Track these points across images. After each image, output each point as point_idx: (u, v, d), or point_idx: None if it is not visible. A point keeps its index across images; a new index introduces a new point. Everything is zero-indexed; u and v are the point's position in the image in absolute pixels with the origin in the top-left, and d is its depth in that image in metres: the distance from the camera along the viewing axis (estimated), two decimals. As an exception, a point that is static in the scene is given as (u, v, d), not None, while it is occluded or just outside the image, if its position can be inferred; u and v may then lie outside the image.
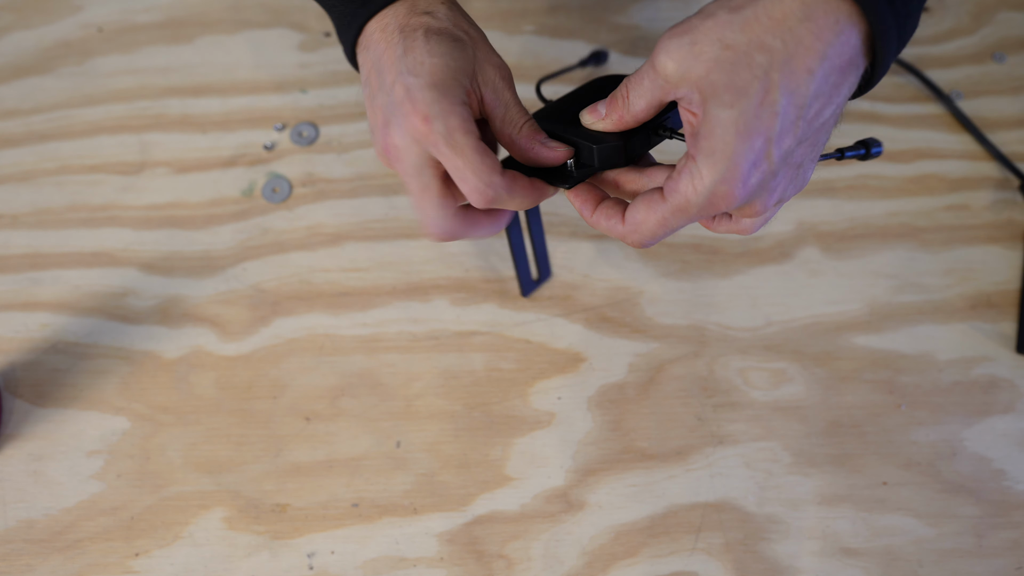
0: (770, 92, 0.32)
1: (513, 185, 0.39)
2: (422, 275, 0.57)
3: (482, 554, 0.50)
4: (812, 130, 0.35)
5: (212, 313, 0.56)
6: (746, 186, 0.34)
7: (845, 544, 0.50)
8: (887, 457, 0.52)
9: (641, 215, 0.37)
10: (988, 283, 0.57)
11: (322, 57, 0.65)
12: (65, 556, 0.49)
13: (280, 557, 0.49)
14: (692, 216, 0.36)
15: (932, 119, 0.63)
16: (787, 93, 0.32)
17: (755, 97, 0.32)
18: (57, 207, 0.59)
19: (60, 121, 0.62)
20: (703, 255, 0.58)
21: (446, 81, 0.38)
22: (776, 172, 0.35)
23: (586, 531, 0.50)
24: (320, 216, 0.59)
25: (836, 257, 0.58)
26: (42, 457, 0.52)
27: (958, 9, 0.67)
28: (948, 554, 0.50)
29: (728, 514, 0.51)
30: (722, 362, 0.55)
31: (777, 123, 0.33)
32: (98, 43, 0.65)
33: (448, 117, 0.37)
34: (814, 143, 0.36)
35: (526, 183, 0.40)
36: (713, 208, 0.35)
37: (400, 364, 0.54)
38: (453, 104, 0.38)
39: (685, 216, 0.36)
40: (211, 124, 0.62)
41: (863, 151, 0.41)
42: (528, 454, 0.52)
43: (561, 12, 0.67)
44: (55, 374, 0.54)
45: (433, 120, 0.37)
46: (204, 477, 0.51)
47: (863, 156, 0.42)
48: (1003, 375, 0.55)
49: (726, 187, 0.34)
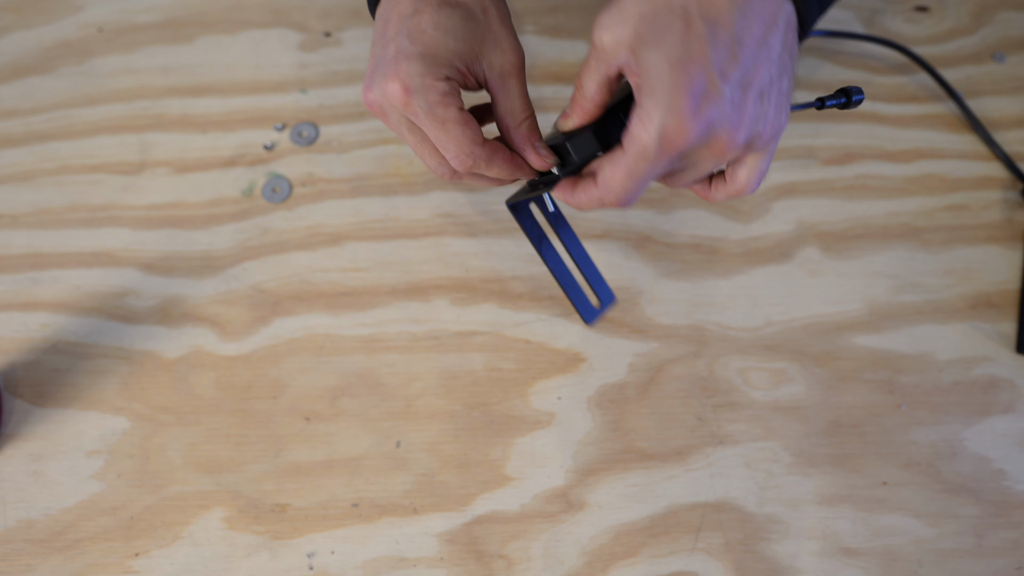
0: (691, 23, 0.33)
1: (493, 156, 0.40)
2: (422, 275, 0.57)
3: (482, 554, 0.50)
4: (761, 57, 0.35)
5: (212, 313, 0.56)
6: (696, 117, 0.34)
7: (845, 544, 0.50)
8: (887, 457, 0.52)
9: (608, 172, 0.37)
10: (988, 283, 0.57)
11: (322, 57, 0.65)
12: (65, 556, 0.49)
13: (280, 557, 0.49)
14: (653, 160, 0.35)
15: (932, 119, 0.63)
16: (709, 21, 0.33)
17: (678, 31, 0.33)
18: (57, 207, 0.59)
19: (60, 121, 0.62)
20: (703, 255, 0.58)
21: (438, 56, 0.38)
22: (732, 100, 0.34)
23: (586, 531, 0.50)
24: (320, 216, 0.59)
25: (836, 257, 0.58)
26: (42, 457, 0.52)
27: (958, 9, 0.67)
28: (948, 554, 0.50)
29: (728, 514, 0.51)
30: (722, 362, 0.55)
31: (709, 49, 0.33)
32: (98, 43, 0.65)
33: (428, 92, 0.38)
34: (772, 72, 0.36)
35: (507, 157, 0.41)
36: (671, 146, 0.34)
37: (400, 364, 0.55)
38: (436, 79, 0.38)
39: (646, 161, 0.35)
40: (211, 124, 0.62)
41: (843, 99, 0.41)
42: (528, 454, 0.52)
43: (561, 12, 0.67)
44: (55, 374, 0.54)
45: (413, 94, 0.38)
46: (204, 477, 0.51)
47: (843, 104, 0.42)
48: (1003, 375, 0.55)
49: (675, 120, 0.34)
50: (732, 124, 0.35)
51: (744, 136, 0.36)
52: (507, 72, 0.40)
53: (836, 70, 0.64)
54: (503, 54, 0.40)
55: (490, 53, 0.40)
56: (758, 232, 0.59)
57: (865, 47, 0.65)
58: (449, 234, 0.58)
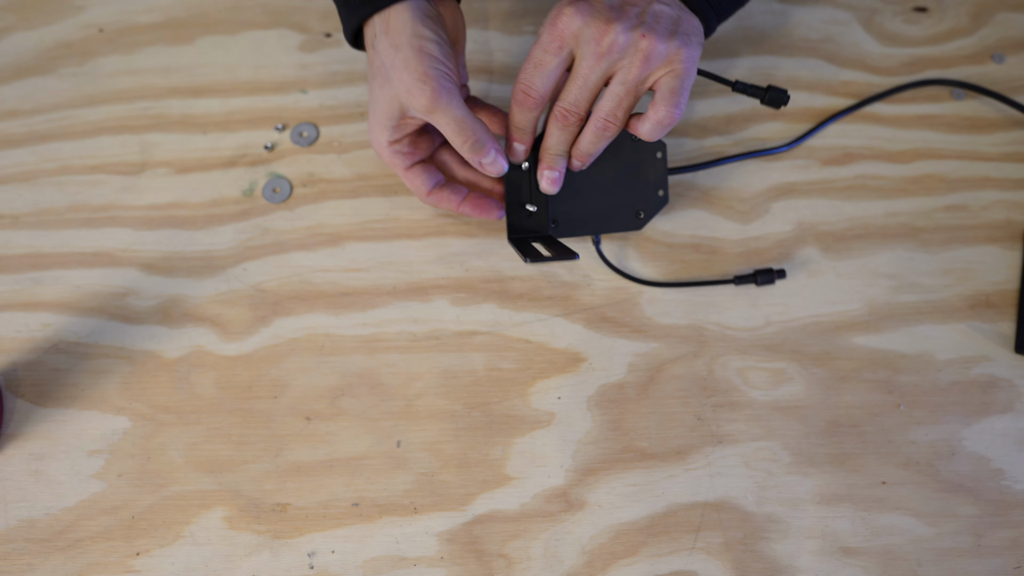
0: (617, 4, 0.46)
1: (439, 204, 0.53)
2: (422, 275, 0.57)
3: (482, 553, 0.50)
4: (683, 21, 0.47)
5: (213, 313, 0.56)
6: (625, 28, 0.45)
7: (844, 543, 0.50)
8: (886, 457, 0.53)
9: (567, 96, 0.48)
10: (987, 283, 0.58)
11: (322, 58, 0.65)
12: (66, 555, 0.49)
13: (281, 556, 0.50)
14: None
15: (932, 119, 0.63)
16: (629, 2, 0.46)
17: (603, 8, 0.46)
18: (58, 207, 0.59)
19: (61, 121, 0.62)
20: (703, 255, 0.58)
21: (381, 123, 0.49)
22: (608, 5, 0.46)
23: (586, 530, 0.51)
24: (320, 216, 0.59)
25: (835, 257, 0.58)
26: (43, 457, 0.52)
27: (957, 10, 0.67)
28: (947, 553, 0.50)
29: (727, 513, 0.51)
30: (722, 362, 0.55)
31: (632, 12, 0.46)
32: (99, 44, 0.65)
33: (383, 154, 0.51)
34: None
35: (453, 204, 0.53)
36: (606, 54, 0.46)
37: (400, 364, 0.55)
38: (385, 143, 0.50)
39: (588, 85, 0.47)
40: (212, 124, 0.62)
41: (761, 94, 0.51)
42: (528, 454, 0.52)
43: (561, 13, 0.67)
44: (56, 374, 0.54)
45: (379, 153, 0.51)
46: (205, 476, 0.52)
47: (761, 99, 0.52)
48: (1002, 375, 0.55)
49: (611, 38, 0.45)
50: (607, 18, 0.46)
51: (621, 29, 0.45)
52: (427, 110, 0.46)
53: (836, 71, 0.64)
54: (415, 99, 0.46)
55: (409, 101, 0.46)
56: (757, 232, 0.59)
57: (865, 47, 0.65)
58: (449, 234, 0.58)
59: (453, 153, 0.54)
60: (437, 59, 0.45)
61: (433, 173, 0.52)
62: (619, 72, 0.47)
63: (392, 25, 0.45)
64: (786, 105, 0.51)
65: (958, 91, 0.64)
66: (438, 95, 0.45)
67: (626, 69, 0.46)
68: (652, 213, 0.55)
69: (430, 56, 0.45)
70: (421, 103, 0.45)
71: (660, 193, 0.55)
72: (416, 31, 0.45)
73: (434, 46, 0.45)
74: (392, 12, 0.45)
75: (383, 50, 0.46)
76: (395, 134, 0.49)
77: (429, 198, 0.52)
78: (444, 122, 0.47)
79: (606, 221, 0.55)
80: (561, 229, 0.55)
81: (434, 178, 0.52)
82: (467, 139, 0.47)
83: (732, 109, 0.63)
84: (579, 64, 0.47)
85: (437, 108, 0.46)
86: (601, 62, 0.46)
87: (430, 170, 0.52)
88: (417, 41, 0.45)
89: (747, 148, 0.61)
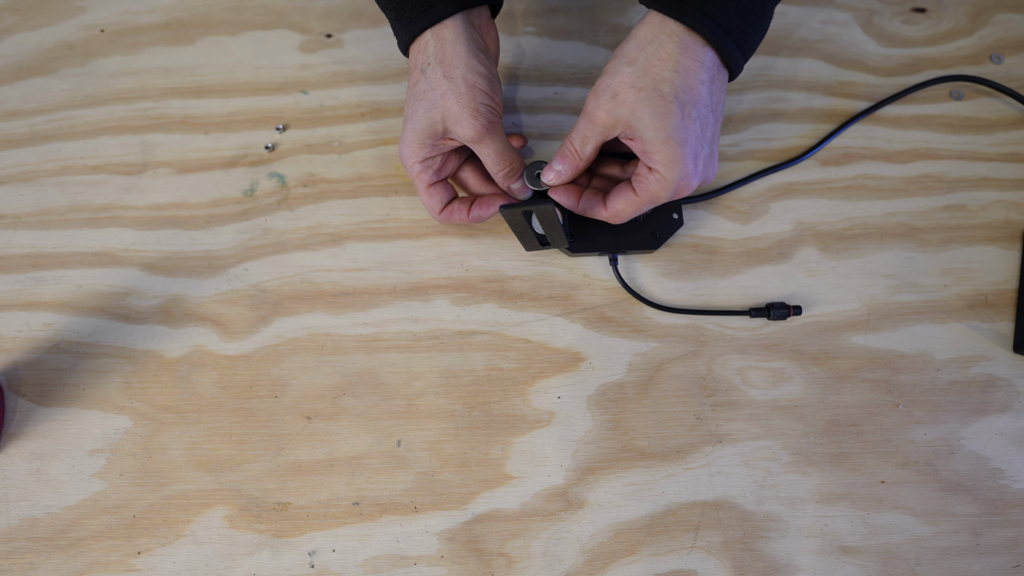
0: (685, 108, 0.46)
1: (448, 221, 0.55)
2: (423, 275, 0.57)
3: (482, 552, 0.50)
4: (719, 121, 0.49)
5: (214, 313, 0.56)
6: (696, 173, 0.48)
7: (843, 542, 0.51)
8: (885, 456, 0.53)
9: (620, 205, 0.50)
10: (985, 283, 0.58)
11: (323, 58, 0.65)
12: (68, 554, 0.50)
13: (281, 555, 0.50)
14: (657, 204, 0.50)
15: (931, 119, 0.63)
16: (693, 105, 0.46)
17: (676, 116, 0.46)
18: (60, 207, 0.60)
19: (62, 122, 0.63)
20: (703, 255, 0.58)
21: (415, 140, 0.51)
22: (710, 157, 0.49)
23: (586, 529, 0.51)
24: (321, 216, 0.59)
25: (834, 257, 0.58)
26: (45, 456, 0.52)
27: (956, 10, 0.67)
28: (945, 552, 0.50)
29: (727, 512, 0.51)
30: (721, 361, 0.55)
31: (699, 128, 0.47)
32: (100, 44, 0.66)
33: (410, 169, 0.53)
34: (718, 130, 0.50)
35: (462, 220, 0.55)
36: (676, 196, 0.49)
37: (401, 363, 0.55)
38: (414, 160, 0.52)
39: (653, 204, 0.50)
40: (213, 125, 0.63)
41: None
42: (528, 453, 0.53)
43: (561, 13, 0.67)
44: (58, 373, 0.54)
45: (405, 166, 0.54)
46: (206, 476, 0.52)
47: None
48: (1000, 374, 0.55)
49: (685, 181, 0.48)
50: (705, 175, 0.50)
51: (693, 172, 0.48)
52: (472, 140, 0.50)
53: (835, 71, 0.64)
54: (464, 129, 0.49)
55: (455, 128, 0.50)
56: (757, 232, 0.59)
57: (864, 47, 0.65)
58: (449, 234, 0.59)
59: (475, 173, 0.56)
60: (487, 95, 0.49)
61: (449, 191, 0.55)
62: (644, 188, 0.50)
63: (447, 57, 0.49)
64: None
65: (957, 91, 0.64)
66: (486, 130, 0.50)
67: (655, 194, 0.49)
68: (667, 235, 0.56)
69: (482, 92, 0.49)
70: (468, 134, 0.50)
71: (675, 216, 0.57)
72: (470, 65, 0.49)
73: (485, 82, 0.49)
74: (446, 38, 0.49)
75: (434, 78, 0.49)
76: (431, 152, 0.52)
77: (441, 216, 0.55)
78: (487, 152, 0.51)
79: (623, 240, 0.56)
80: (579, 246, 0.56)
81: (448, 196, 0.55)
82: (504, 167, 0.52)
83: (732, 109, 0.63)
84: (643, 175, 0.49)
85: (483, 140, 0.50)
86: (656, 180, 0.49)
87: (448, 189, 0.55)
88: (471, 77, 0.49)
89: (747, 148, 0.61)
